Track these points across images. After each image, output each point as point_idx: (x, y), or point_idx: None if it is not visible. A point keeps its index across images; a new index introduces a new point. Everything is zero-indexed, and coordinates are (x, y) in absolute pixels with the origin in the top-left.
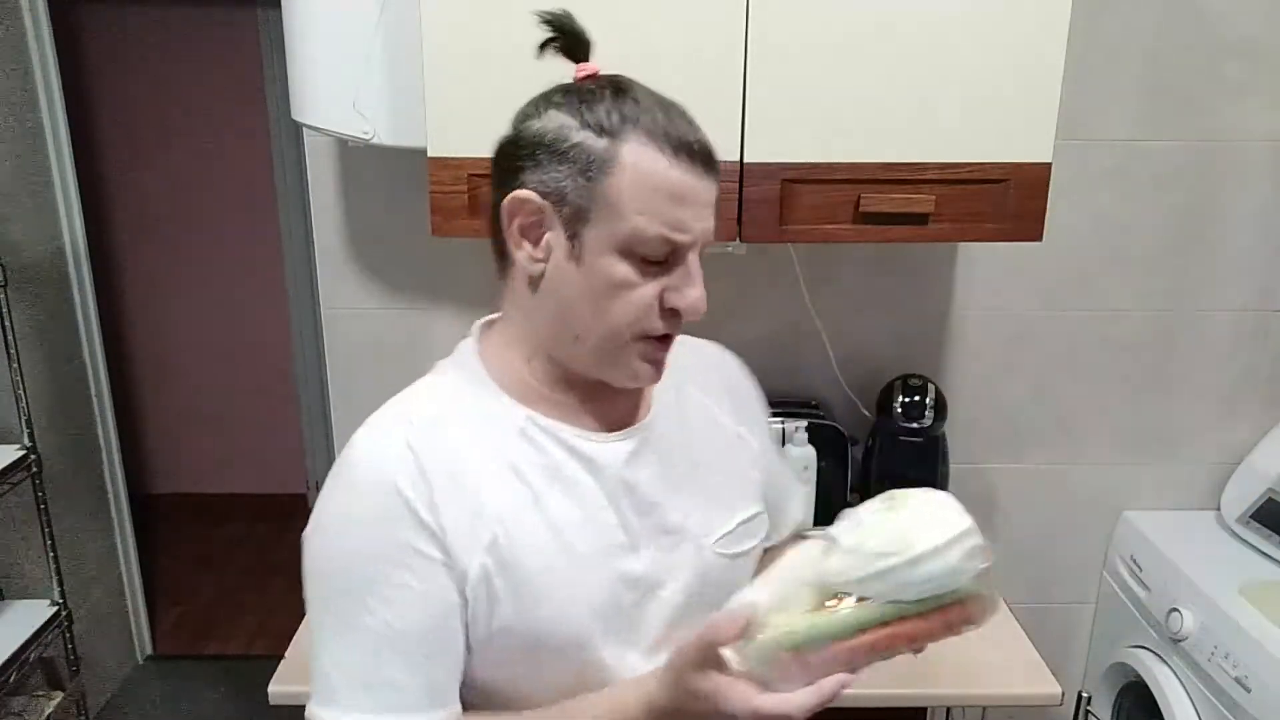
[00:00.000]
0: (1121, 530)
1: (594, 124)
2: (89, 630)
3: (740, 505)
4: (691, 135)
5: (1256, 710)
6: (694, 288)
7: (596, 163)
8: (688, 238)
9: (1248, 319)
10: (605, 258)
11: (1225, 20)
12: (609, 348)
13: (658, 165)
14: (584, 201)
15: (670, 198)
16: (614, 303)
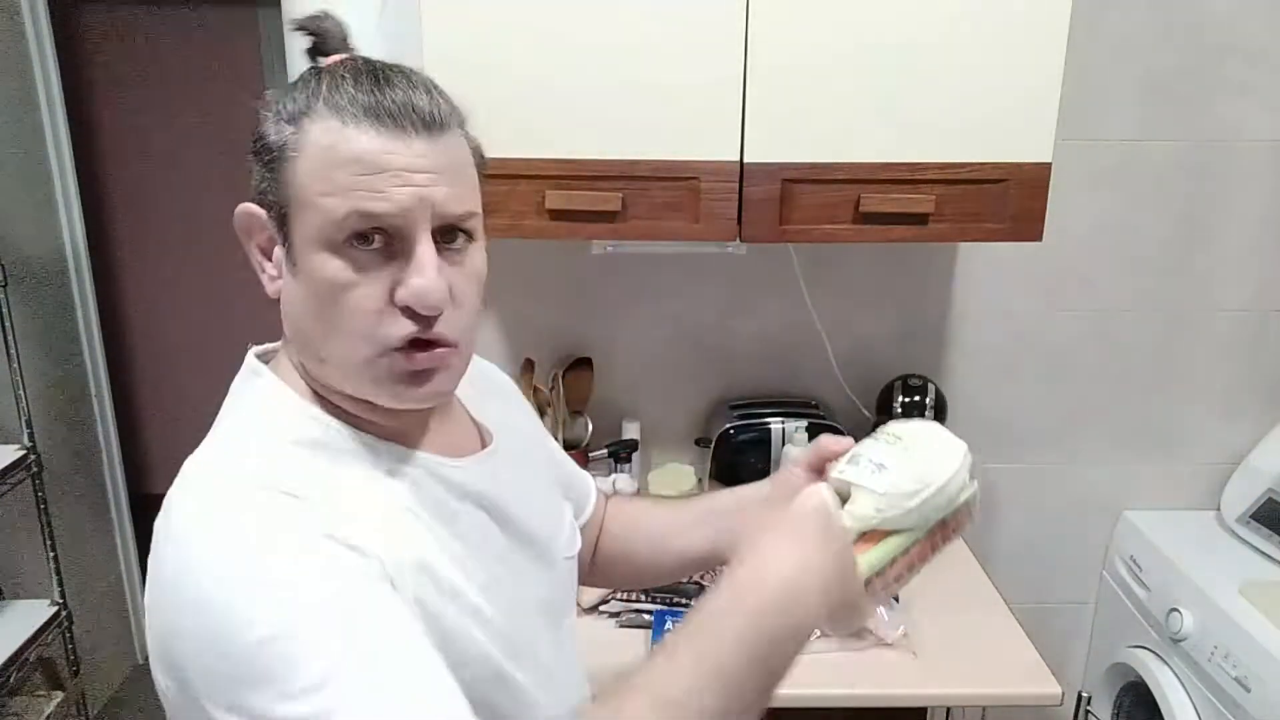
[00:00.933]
0: (1121, 530)
1: (284, 113)
2: (89, 630)
3: (562, 508)
4: (389, 97)
5: (1256, 710)
6: (418, 274)
7: (281, 151)
8: (388, 206)
9: (1248, 319)
10: (314, 257)
11: (1225, 20)
12: (354, 365)
13: (337, 136)
14: (278, 198)
15: (359, 168)
16: (337, 310)
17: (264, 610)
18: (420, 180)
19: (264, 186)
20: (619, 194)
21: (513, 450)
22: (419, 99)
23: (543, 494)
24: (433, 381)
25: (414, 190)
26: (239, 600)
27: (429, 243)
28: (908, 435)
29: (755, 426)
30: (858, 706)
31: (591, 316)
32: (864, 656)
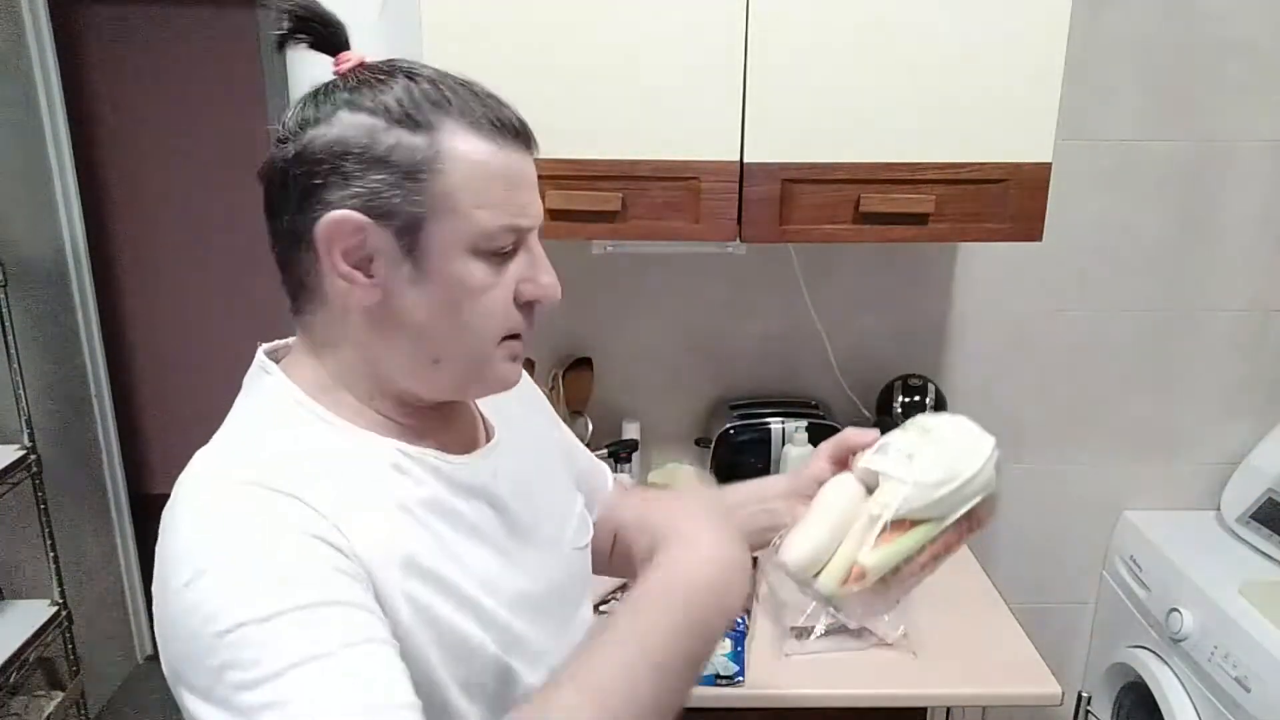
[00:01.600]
0: (1121, 530)
1: (404, 118)
2: (89, 630)
3: (572, 500)
4: (506, 112)
5: (1256, 710)
6: (547, 273)
7: (422, 161)
8: (531, 222)
9: (1248, 319)
10: (455, 264)
11: (1225, 20)
12: (475, 360)
13: (479, 147)
14: (416, 208)
15: (506, 184)
16: (474, 311)
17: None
18: (537, 190)
19: (385, 194)
20: (619, 194)
21: (517, 442)
22: (520, 113)
23: (549, 485)
24: (520, 361)
25: (540, 206)
26: (212, 591)
27: (540, 246)
28: (937, 427)
29: (755, 426)
30: (858, 706)
31: (591, 316)
32: (864, 656)
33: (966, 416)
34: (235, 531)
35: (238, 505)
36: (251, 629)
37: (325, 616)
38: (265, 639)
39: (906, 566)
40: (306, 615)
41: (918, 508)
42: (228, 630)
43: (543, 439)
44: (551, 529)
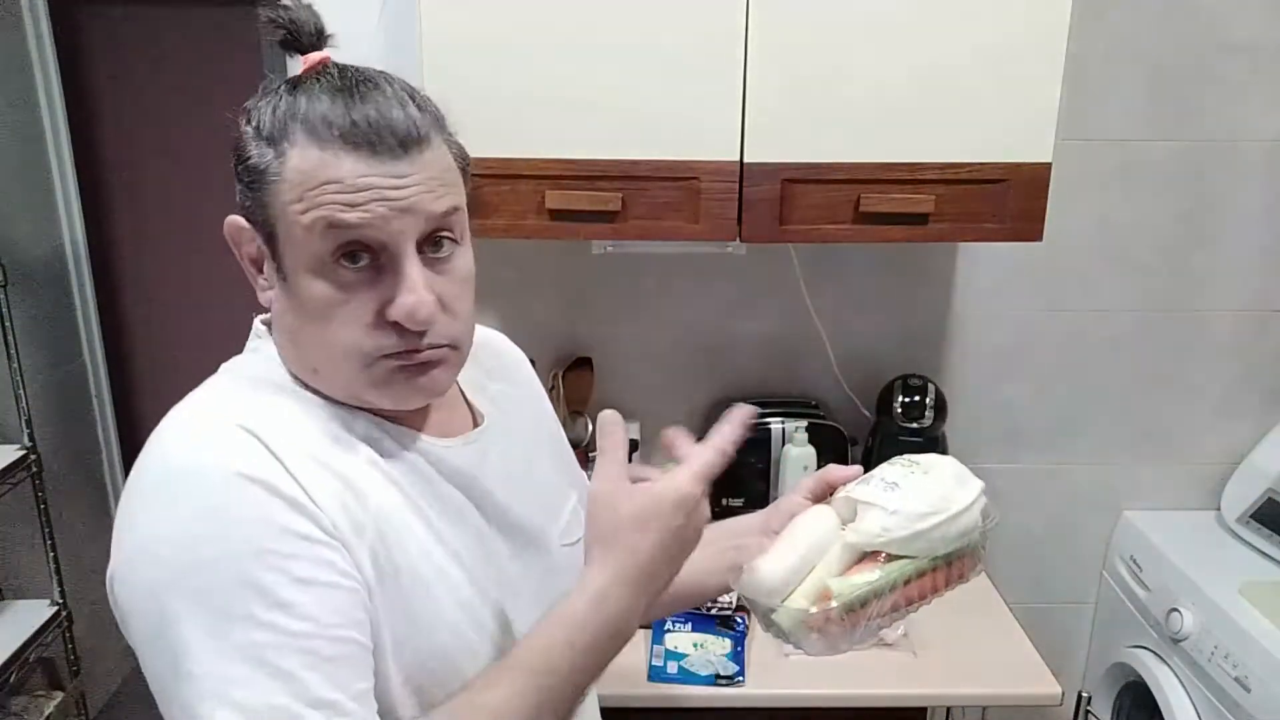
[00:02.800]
0: (1121, 530)
1: (263, 133)
2: (89, 630)
3: (564, 494)
4: (361, 117)
5: (1256, 710)
6: (409, 292)
7: (263, 173)
8: (360, 216)
9: (1248, 319)
10: (303, 277)
11: (1225, 20)
12: (352, 374)
13: (315, 159)
14: (265, 219)
15: (331, 189)
16: (329, 326)
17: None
18: (397, 197)
19: (249, 205)
20: (619, 194)
21: (508, 429)
22: (395, 116)
23: (538, 478)
24: (428, 378)
25: (391, 204)
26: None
27: (414, 258)
28: (925, 462)
29: (755, 426)
30: (858, 706)
31: (591, 316)
32: (864, 656)
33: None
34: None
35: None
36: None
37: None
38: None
39: (876, 602)
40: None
41: (896, 539)
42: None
43: (536, 430)
44: (537, 523)
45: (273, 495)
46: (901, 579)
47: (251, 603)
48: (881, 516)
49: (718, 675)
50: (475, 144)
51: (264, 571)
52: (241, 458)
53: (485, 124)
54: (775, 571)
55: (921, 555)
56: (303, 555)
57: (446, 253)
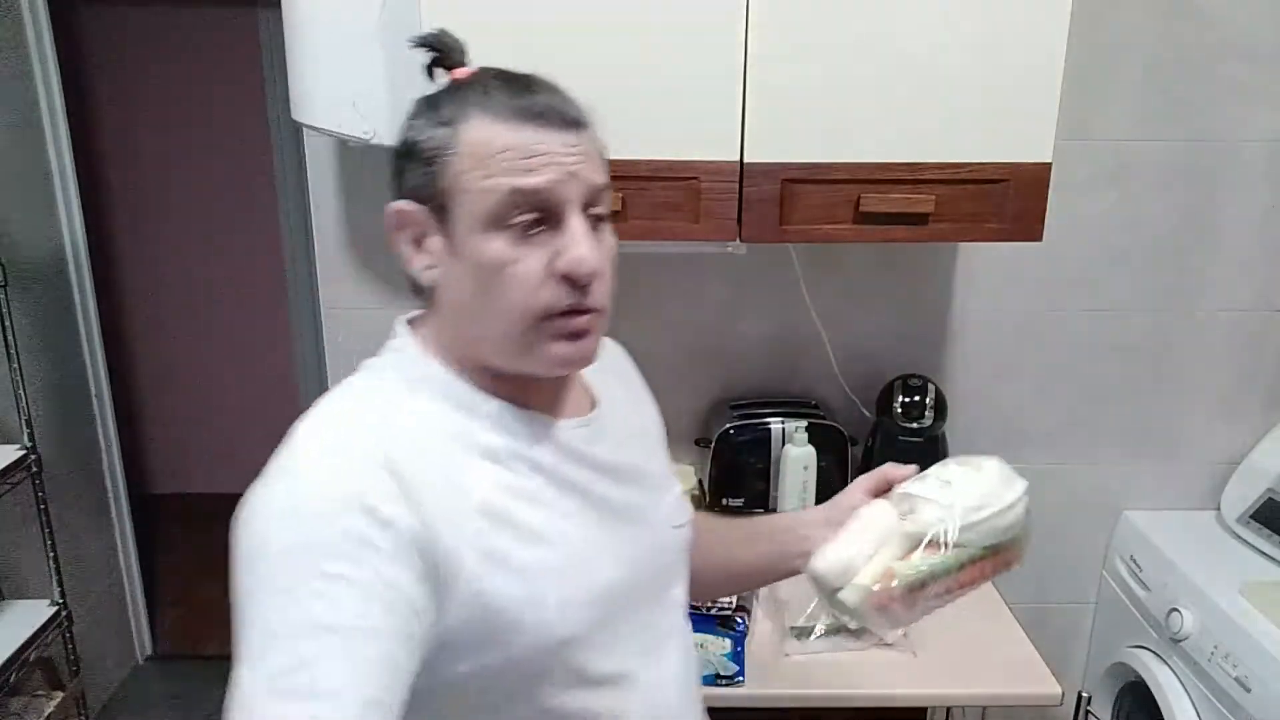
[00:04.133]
0: (1121, 530)
1: (437, 119)
2: (89, 630)
3: (669, 482)
4: (532, 100)
5: (1256, 710)
6: (576, 245)
7: (440, 150)
8: (539, 180)
9: (1248, 319)
10: (475, 240)
11: (1225, 20)
12: (513, 337)
13: (492, 129)
14: (438, 191)
15: (512, 154)
16: (500, 286)
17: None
18: (568, 161)
19: (419, 183)
20: (619, 194)
21: (619, 417)
22: (562, 99)
23: (647, 463)
24: (584, 341)
25: (563, 168)
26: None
27: (580, 216)
28: (974, 461)
29: (755, 426)
30: (858, 706)
31: None
32: (864, 656)
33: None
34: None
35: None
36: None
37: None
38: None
39: (933, 585)
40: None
41: (950, 529)
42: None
43: (644, 420)
44: (648, 503)
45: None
46: (956, 565)
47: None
48: (937, 510)
49: (718, 675)
50: None
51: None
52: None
53: None
54: (843, 556)
55: (973, 545)
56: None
57: (600, 224)
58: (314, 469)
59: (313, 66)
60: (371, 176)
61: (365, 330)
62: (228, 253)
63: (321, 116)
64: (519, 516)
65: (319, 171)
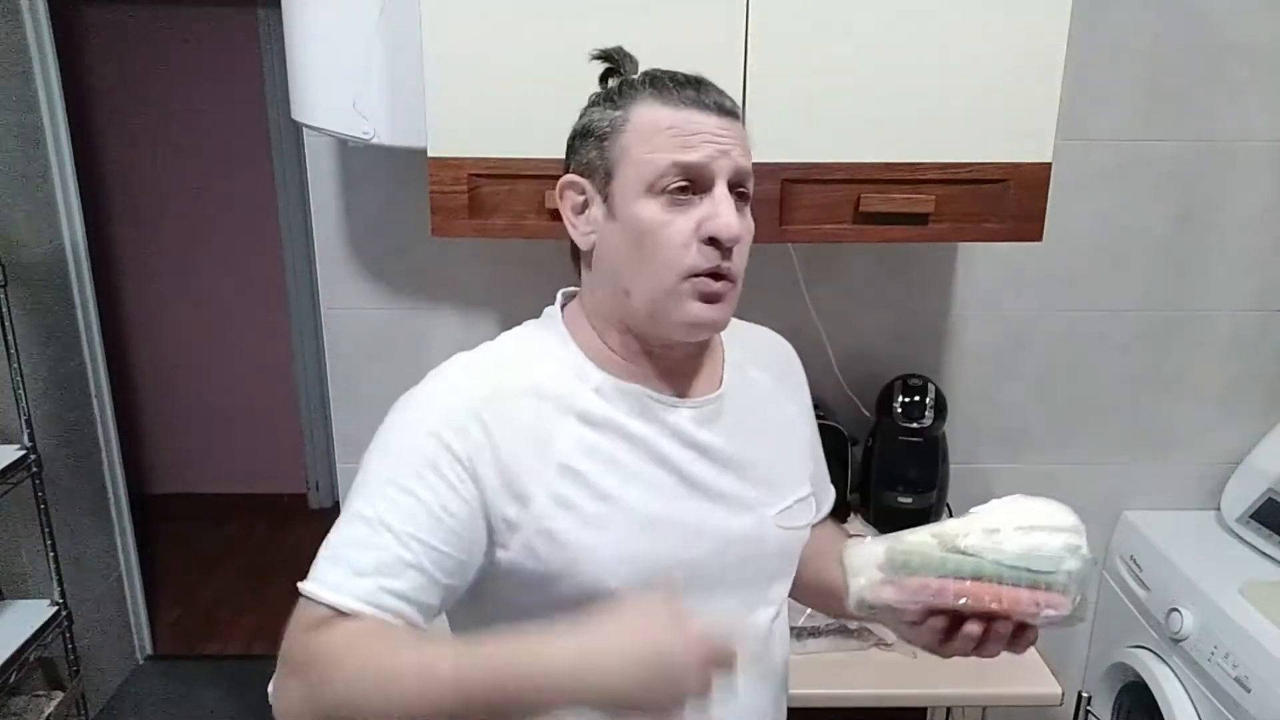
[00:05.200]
0: (1121, 530)
1: (609, 103)
2: (89, 630)
3: (795, 483)
4: (698, 88)
5: (1256, 710)
6: (724, 214)
7: (610, 127)
8: (696, 156)
9: (1248, 319)
10: (634, 204)
11: (1225, 20)
12: (659, 294)
13: (659, 111)
14: (606, 163)
15: (674, 132)
16: (652, 244)
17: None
18: (722, 141)
19: (590, 158)
20: None
21: (749, 406)
22: (719, 94)
23: (772, 456)
24: (721, 304)
25: (717, 146)
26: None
27: (726, 189)
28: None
29: None
30: (858, 706)
31: None
32: (864, 656)
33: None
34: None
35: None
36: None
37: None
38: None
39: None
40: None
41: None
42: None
43: (785, 419)
44: (757, 494)
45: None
46: (960, 570)
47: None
48: (963, 520)
49: None
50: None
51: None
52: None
53: (486, 125)
54: (861, 553)
55: (983, 556)
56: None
57: (743, 203)
58: (430, 400)
59: (313, 66)
60: (371, 176)
61: (365, 330)
62: (228, 253)
63: (321, 116)
64: (595, 475)
65: (319, 171)
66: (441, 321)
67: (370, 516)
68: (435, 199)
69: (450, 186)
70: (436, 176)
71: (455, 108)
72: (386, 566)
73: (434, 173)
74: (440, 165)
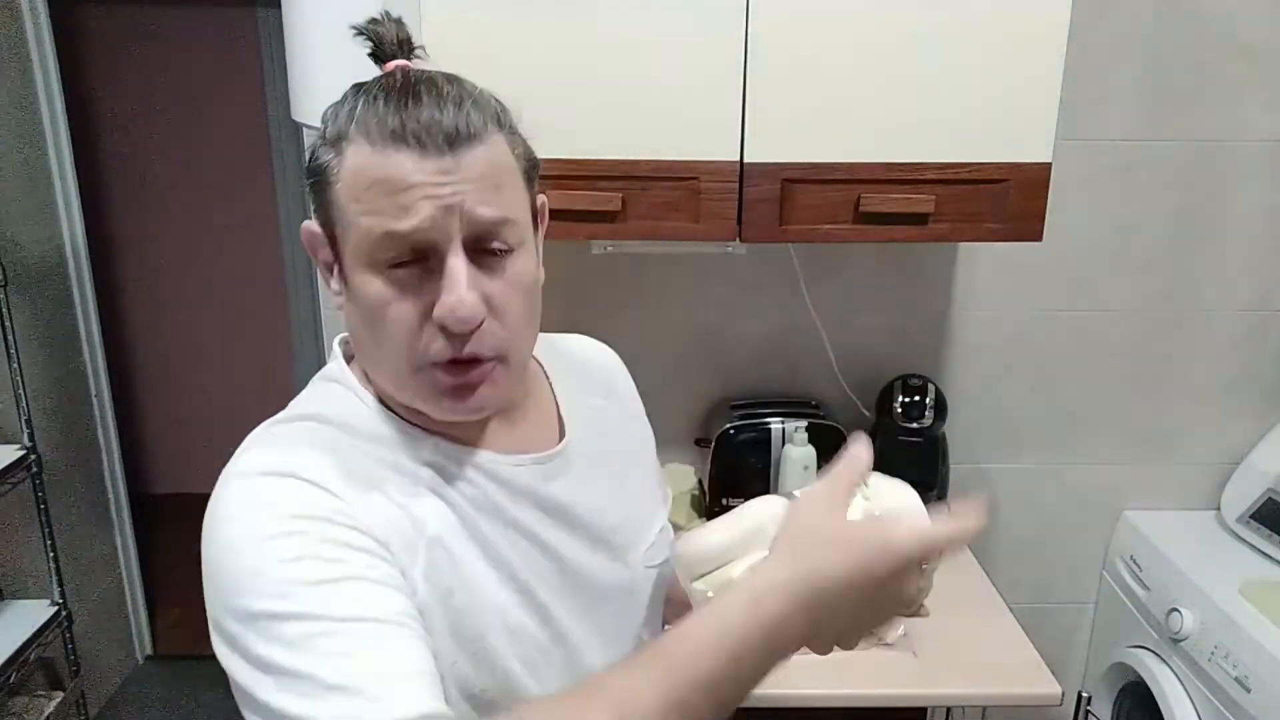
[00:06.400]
0: (1121, 530)
1: (328, 137)
2: (89, 630)
3: (656, 513)
4: (411, 117)
5: (1256, 710)
6: (450, 291)
7: (324, 173)
8: (409, 223)
9: (1248, 319)
10: (358, 276)
11: (1225, 20)
12: (400, 381)
13: (365, 156)
14: (327, 220)
15: (385, 189)
16: (381, 328)
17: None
18: (444, 194)
19: (316, 208)
20: (619, 194)
21: (597, 449)
22: (445, 115)
23: (628, 497)
24: (475, 397)
25: (438, 203)
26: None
27: (460, 256)
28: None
29: (755, 426)
30: (858, 706)
31: (591, 317)
32: (864, 656)
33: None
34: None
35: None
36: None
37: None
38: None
39: None
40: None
41: None
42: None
43: (633, 440)
44: (622, 539)
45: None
46: None
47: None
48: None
49: None
50: None
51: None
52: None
53: None
54: (704, 544)
55: None
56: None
57: (499, 254)
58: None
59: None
60: None
61: None
62: (228, 252)
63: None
64: (463, 555)
65: None
66: None
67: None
68: None
69: None
70: None
71: None
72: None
73: None
74: None
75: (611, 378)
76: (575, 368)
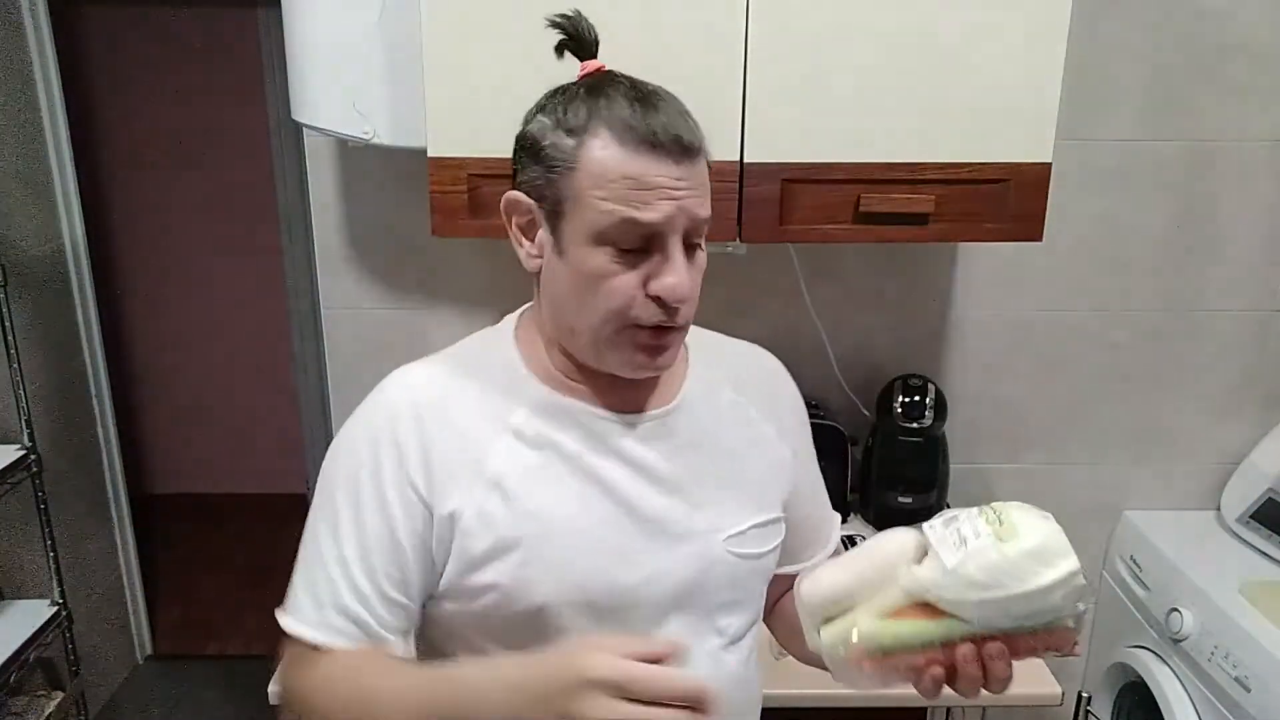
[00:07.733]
0: (1121, 530)
1: (564, 125)
2: (89, 630)
3: (757, 508)
4: (657, 124)
5: (1256, 710)
6: (671, 274)
7: (563, 161)
8: (652, 216)
9: (1248, 319)
10: (582, 249)
11: (1225, 20)
12: (600, 338)
13: (614, 156)
14: (556, 198)
15: (629, 184)
16: (596, 293)
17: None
18: (679, 195)
19: (539, 183)
20: None
21: (703, 426)
22: (681, 127)
23: (723, 479)
24: (663, 356)
25: (674, 203)
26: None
27: (680, 247)
28: (1012, 522)
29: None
30: (858, 706)
31: None
32: None
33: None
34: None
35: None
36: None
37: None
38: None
39: (906, 655)
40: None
41: (947, 599)
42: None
43: (755, 437)
44: (706, 516)
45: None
46: (946, 638)
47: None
48: (938, 571)
49: None
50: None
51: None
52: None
53: (486, 125)
54: (834, 585)
55: (975, 622)
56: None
57: (694, 248)
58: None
59: (313, 66)
60: (371, 176)
61: (365, 330)
62: (228, 253)
63: (321, 116)
64: (523, 493)
65: (319, 171)
66: (441, 321)
67: (325, 537)
68: (435, 199)
69: (450, 186)
70: (436, 176)
71: (455, 108)
72: (346, 595)
73: (434, 173)
74: (440, 165)
75: (768, 383)
76: (729, 360)
